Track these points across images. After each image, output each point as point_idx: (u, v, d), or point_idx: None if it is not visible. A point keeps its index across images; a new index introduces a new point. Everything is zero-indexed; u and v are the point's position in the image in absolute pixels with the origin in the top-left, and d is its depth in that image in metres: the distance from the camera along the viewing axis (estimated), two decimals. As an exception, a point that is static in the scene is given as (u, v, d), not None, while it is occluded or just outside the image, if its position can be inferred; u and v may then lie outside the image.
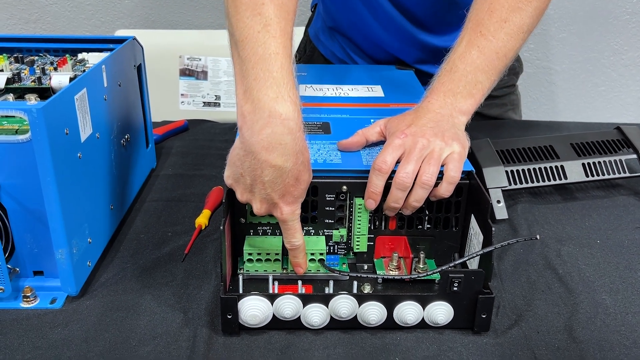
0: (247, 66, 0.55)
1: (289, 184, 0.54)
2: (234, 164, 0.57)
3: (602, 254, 0.71)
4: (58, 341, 0.55)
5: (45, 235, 0.60)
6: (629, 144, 0.85)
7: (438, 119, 0.63)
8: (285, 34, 0.57)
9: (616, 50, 1.61)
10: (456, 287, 0.55)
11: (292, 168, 0.54)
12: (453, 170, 0.60)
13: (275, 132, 0.53)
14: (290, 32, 0.58)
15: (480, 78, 0.66)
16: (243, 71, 0.56)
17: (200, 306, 0.60)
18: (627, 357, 0.55)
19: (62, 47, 0.78)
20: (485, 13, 0.68)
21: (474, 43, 0.67)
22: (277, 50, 0.55)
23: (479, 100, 0.67)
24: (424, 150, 0.60)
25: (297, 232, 0.58)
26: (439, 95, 0.66)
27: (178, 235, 0.73)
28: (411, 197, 0.60)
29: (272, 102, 0.54)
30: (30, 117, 0.53)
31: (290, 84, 0.55)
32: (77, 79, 0.61)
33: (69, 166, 0.58)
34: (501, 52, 0.67)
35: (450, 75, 0.66)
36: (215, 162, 0.92)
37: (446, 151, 0.61)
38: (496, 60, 0.67)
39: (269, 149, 0.53)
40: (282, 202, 0.55)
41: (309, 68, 0.98)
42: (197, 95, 1.40)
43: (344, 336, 0.57)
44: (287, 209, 0.56)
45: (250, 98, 0.55)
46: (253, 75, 0.55)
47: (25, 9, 1.48)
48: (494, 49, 0.67)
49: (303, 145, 0.55)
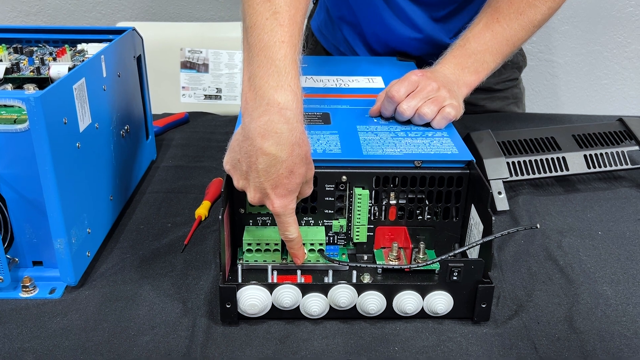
0: (253, 53, 0.56)
1: (282, 175, 0.54)
2: (233, 149, 0.57)
3: (604, 245, 0.71)
4: (57, 331, 0.55)
5: (44, 225, 0.60)
6: (631, 135, 0.85)
7: (447, 79, 0.72)
8: (293, 22, 0.57)
9: (619, 43, 1.61)
10: (456, 276, 0.55)
11: (287, 159, 0.53)
12: (450, 112, 0.69)
13: (272, 120, 0.53)
14: (301, 21, 0.59)
15: (488, 59, 0.76)
16: (249, 57, 0.57)
17: (200, 296, 0.60)
18: (627, 347, 0.55)
19: (62, 38, 0.78)
20: (505, 2, 0.76)
21: (489, 27, 0.76)
22: (282, 38, 0.56)
23: (482, 78, 0.76)
24: (431, 92, 0.69)
25: (290, 225, 0.57)
26: (449, 65, 0.75)
27: (178, 227, 0.73)
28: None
29: (272, 91, 0.54)
30: (29, 106, 0.53)
31: (293, 73, 0.55)
32: (75, 68, 0.61)
33: (68, 156, 0.58)
34: (511, 40, 0.76)
35: (463, 50, 0.76)
36: (216, 155, 0.92)
37: (448, 101, 0.69)
38: (505, 46, 0.76)
39: (264, 136, 0.53)
40: (274, 194, 0.54)
41: (310, 59, 0.97)
42: (198, 88, 1.40)
43: (343, 326, 0.57)
44: (279, 202, 0.55)
45: (252, 85, 0.55)
46: (257, 63, 0.55)
47: (25, 1, 1.48)
48: (506, 36, 0.76)
49: (301, 137, 0.55)
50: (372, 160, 0.62)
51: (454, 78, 0.74)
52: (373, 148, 0.64)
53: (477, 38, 0.76)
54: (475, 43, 0.75)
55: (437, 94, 0.69)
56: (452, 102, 0.69)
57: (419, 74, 0.70)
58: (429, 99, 0.69)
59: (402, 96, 0.68)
